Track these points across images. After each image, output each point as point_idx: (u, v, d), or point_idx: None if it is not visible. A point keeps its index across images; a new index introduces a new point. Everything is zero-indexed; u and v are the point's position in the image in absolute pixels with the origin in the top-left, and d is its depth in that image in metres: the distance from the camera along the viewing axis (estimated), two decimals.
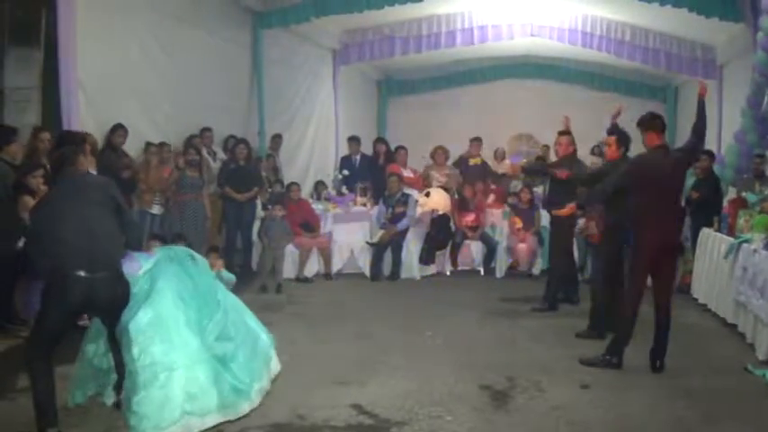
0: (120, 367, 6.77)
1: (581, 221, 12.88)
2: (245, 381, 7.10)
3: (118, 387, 6.87)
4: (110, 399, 7.08)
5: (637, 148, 9.51)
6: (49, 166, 8.54)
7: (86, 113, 11.22)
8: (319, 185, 16.96)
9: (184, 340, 6.84)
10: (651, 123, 8.68)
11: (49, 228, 6.38)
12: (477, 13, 18.42)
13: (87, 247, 6.29)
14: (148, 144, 12.50)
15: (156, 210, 12.51)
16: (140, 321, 6.69)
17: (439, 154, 16.64)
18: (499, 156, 19.99)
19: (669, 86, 22.97)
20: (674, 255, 9.00)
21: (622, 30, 18.21)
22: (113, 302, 6.54)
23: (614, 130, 10.34)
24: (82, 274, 6.22)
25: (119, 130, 11.73)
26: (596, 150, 16.21)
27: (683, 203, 12.20)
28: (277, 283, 13.24)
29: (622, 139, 10.12)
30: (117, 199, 6.70)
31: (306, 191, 16.86)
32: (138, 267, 7.08)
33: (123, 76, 12.14)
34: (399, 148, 16.80)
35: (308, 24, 17.10)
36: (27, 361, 6.42)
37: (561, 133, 11.87)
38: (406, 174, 16.07)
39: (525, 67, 23.57)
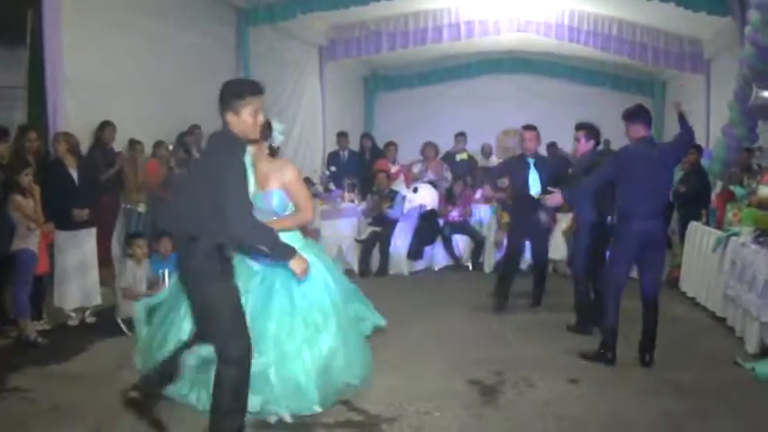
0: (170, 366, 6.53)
1: (568, 217, 12.88)
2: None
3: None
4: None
5: (621, 141, 9.50)
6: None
7: (73, 112, 11.23)
8: (306, 181, 16.92)
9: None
10: (637, 115, 8.66)
11: None
12: (463, 8, 18.42)
13: (185, 214, 5.96)
14: (132, 141, 12.46)
15: (142, 208, 12.38)
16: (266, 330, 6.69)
17: (429, 149, 16.67)
18: (486, 152, 20.02)
19: (656, 81, 22.95)
20: (660, 248, 8.97)
21: (609, 24, 18.22)
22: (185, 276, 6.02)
23: (582, 124, 10.33)
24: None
25: (107, 126, 11.79)
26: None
27: (670, 197, 12.22)
28: None
29: (591, 132, 10.12)
30: (220, 182, 5.68)
31: None
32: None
33: (109, 74, 12.14)
34: (389, 143, 16.83)
35: (294, 21, 17.05)
36: None
37: (526, 128, 11.60)
38: (394, 169, 16.06)
39: (512, 62, 23.51)
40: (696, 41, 18.03)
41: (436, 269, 15.30)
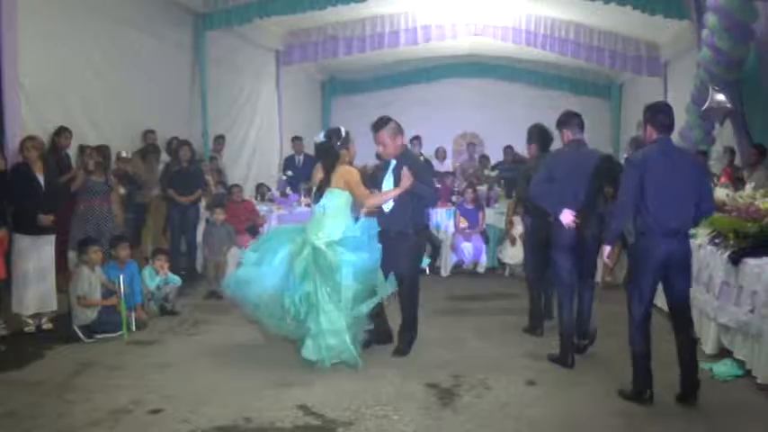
0: None
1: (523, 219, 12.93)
2: None
3: None
4: None
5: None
6: None
7: (28, 116, 11.13)
8: (261, 187, 16.90)
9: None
10: (566, 121, 8.76)
11: None
12: (420, 12, 18.51)
13: None
14: (82, 147, 12.30)
15: None
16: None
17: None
18: (441, 155, 20.00)
19: (613, 84, 23.16)
20: (594, 249, 8.94)
21: (566, 28, 18.34)
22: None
23: (530, 129, 10.35)
24: None
25: (64, 132, 11.72)
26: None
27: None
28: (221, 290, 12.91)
29: (532, 137, 10.15)
30: None
31: (248, 192, 16.78)
32: None
33: (65, 78, 12.09)
34: None
35: (251, 25, 17.08)
36: None
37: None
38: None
39: (469, 66, 23.64)
40: (653, 45, 18.18)
41: None
